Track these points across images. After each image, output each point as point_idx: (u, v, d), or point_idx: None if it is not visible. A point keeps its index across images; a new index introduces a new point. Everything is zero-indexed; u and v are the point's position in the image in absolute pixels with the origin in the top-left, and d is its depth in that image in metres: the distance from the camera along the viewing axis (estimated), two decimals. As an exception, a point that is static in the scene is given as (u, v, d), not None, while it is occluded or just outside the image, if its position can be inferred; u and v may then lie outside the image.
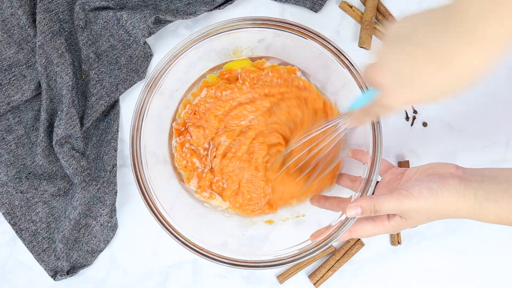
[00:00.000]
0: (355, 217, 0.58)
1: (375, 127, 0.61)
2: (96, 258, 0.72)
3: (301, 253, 0.61)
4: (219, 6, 0.72)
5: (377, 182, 0.65)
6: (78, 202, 0.70)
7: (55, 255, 0.72)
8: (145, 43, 0.73)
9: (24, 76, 0.72)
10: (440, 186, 0.55)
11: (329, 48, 0.62)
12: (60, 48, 0.70)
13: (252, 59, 0.70)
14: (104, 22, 0.72)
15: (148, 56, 0.73)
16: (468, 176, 0.56)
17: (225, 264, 0.61)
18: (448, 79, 0.41)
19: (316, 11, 0.73)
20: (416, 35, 0.41)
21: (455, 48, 0.39)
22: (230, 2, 0.72)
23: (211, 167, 0.69)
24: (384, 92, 0.46)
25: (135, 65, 0.73)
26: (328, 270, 0.72)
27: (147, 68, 0.73)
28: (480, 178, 0.55)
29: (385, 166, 0.66)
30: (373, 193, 0.62)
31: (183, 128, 0.69)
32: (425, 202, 0.54)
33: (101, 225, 0.71)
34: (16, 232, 0.72)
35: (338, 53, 0.62)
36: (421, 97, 0.44)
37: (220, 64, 0.70)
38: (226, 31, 0.63)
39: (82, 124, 0.71)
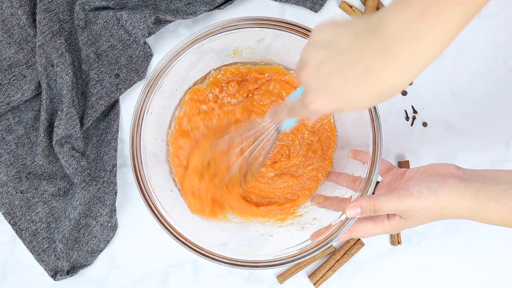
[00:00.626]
0: (355, 217, 0.59)
1: (375, 127, 0.61)
2: (96, 258, 0.72)
3: (301, 253, 0.61)
4: (219, 6, 0.72)
5: (378, 182, 0.65)
6: (78, 202, 0.70)
7: (55, 255, 0.72)
8: (145, 43, 0.73)
9: (24, 76, 0.72)
10: (440, 186, 0.55)
11: (329, 48, 0.62)
12: (60, 48, 0.70)
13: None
14: (104, 22, 0.72)
15: (148, 56, 0.73)
16: (468, 176, 0.56)
17: (225, 264, 0.61)
18: (362, 90, 0.42)
19: (316, 11, 0.73)
20: (339, 42, 0.43)
21: (373, 62, 0.40)
22: (230, 2, 0.72)
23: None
24: (305, 92, 0.46)
25: (135, 65, 0.73)
26: (328, 270, 0.72)
27: (147, 68, 0.73)
28: (482, 179, 0.55)
29: (386, 166, 0.66)
30: (373, 193, 0.62)
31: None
32: (425, 202, 0.54)
33: (101, 225, 0.71)
34: (16, 232, 0.72)
35: (338, 53, 0.62)
36: (335, 104, 0.44)
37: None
38: (226, 31, 0.63)
39: (82, 124, 0.71)
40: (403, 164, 0.73)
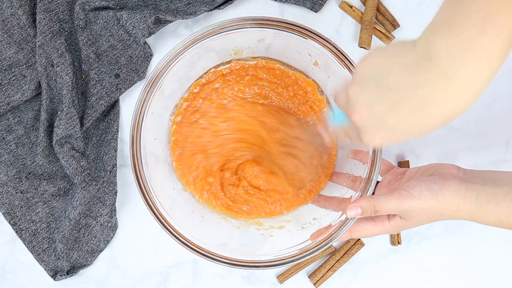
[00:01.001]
0: (355, 217, 0.59)
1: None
2: (96, 258, 0.72)
3: (301, 253, 0.61)
4: (219, 6, 0.72)
5: (378, 182, 0.65)
6: (78, 202, 0.70)
7: (55, 255, 0.72)
8: (145, 43, 0.73)
9: (24, 76, 0.72)
10: (440, 187, 0.55)
11: (329, 48, 0.62)
12: (60, 48, 0.70)
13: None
14: (104, 22, 0.72)
15: (148, 56, 0.73)
16: (469, 177, 0.56)
17: (225, 264, 0.61)
18: (424, 121, 0.41)
19: (316, 11, 0.73)
20: (389, 79, 0.42)
21: (429, 93, 0.40)
22: (230, 2, 0.72)
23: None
24: (360, 131, 0.46)
25: (135, 65, 0.73)
26: (328, 270, 0.72)
27: (147, 68, 0.73)
28: (482, 180, 0.55)
29: (386, 166, 0.66)
30: (373, 193, 0.62)
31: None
32: (425, 203, 0.54)
33: (101, 225, 0.71)
34: (16, 232, 0.72)
35: (338, 53, 0.62)
36: (396, 138, 0.44)
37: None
38: (226, 31, 0.63)
39: (82, 124, 0.71)
40: (403, 164, 0.73)
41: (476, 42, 0.37)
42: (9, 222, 0.72)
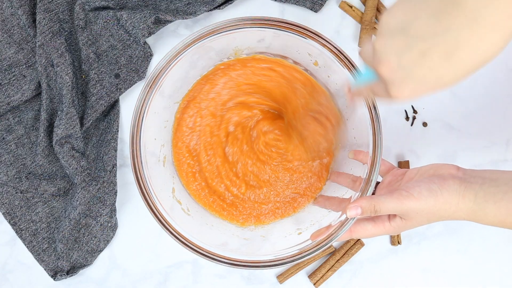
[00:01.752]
0: (355, 217, 0.59)
1: (375, 127, 0.61)
2: (96, 258, 0.72)
3: (301, 253, 0.61)
4: (219, 6, 0.72)
5: (378, 183, 0.65)
6: (78, 202, 0.70)
7: (55, 255, 0.72)
8: (145, 43, 0.73)
9: (24, 76, 0.72)
10: (440, 187, 0.55)
11: (329, 48, 0.62)
12: (60, 48, 0.70)
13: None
14: (104, 22, 0.72)
15: (148, 56, 0.73)
16: (468, 177, 0.56)
17: (225, 264, 0.61)
18: (453, 69, 0.40)
19: (316, 11, 0.73)
20: (414, 27, 0.40)
21: (461, 38, 0.38)
22: (230, 2, 0.72)
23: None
24: (388, 85, 0.44)
25: (135, 65, 0.73)
26: (328, 270, 0.72)
27: (147, 68, 0.73)
28: (481, 180, 0.55)
29: (386, 167, 0.66)
30: (373, 194, 0.62)
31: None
32: (425, 203, 0.54)
33: (101, 225, 0.71)
34: (16, 232, 0.72)
35: (338, 53, 0.62)
36: (425, 90, 0.42)
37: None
38: (226, 31, 0.63)
39: (82, 124, 0.71)
40: (403, 164, 0.73)
41: None
42: (9, 222, 0.72)
